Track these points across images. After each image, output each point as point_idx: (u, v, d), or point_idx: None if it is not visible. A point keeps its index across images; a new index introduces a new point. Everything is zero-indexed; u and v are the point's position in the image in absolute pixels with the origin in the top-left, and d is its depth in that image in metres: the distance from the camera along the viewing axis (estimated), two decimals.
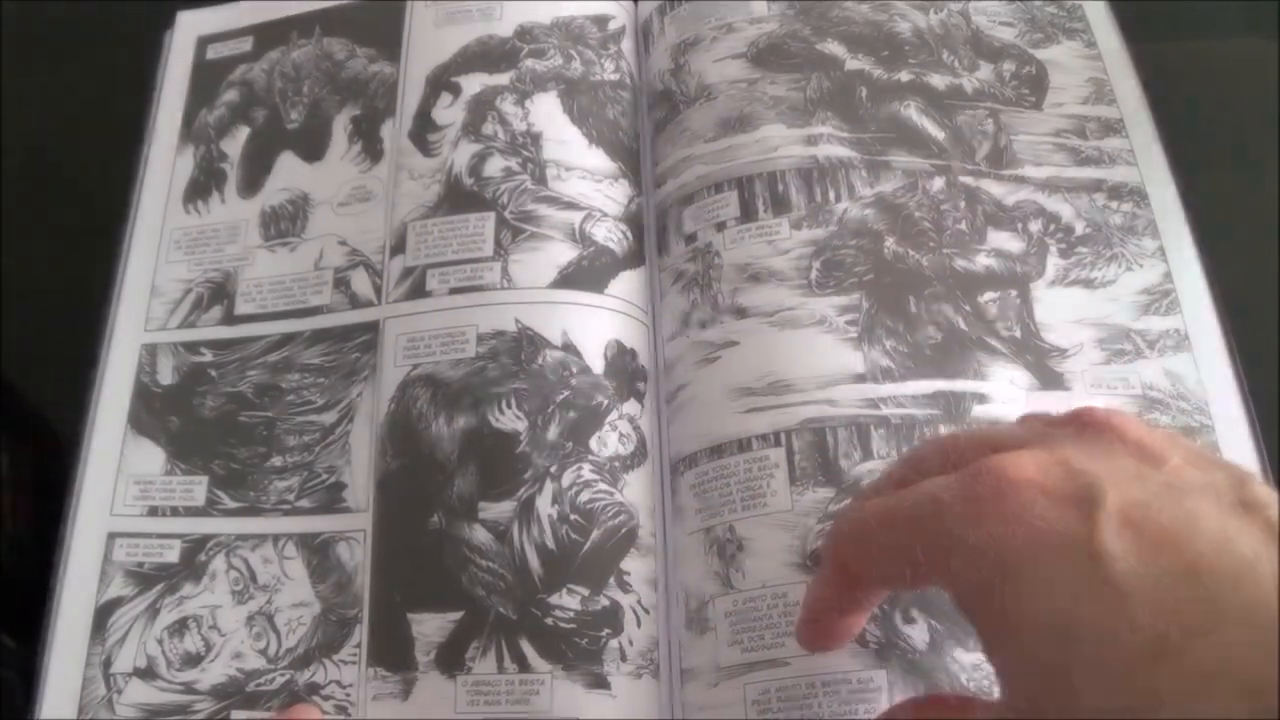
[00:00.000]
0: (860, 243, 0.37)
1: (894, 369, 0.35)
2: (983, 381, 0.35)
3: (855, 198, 0.38)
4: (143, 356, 0.40)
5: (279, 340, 0.39)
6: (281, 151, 0.43)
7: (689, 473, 0.35)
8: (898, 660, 0.31)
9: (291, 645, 0.34)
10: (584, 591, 0.33)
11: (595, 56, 0.43)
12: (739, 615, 0.33)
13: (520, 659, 0.33)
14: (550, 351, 0.37)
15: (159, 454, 0.38)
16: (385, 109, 0.43)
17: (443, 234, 0.39)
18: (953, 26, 0.42)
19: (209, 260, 0.41)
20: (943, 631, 0.31)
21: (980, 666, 0.31)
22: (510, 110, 0.41)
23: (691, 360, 0.37)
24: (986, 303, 0.36)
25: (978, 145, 0.39)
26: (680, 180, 0.40)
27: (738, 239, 0.38)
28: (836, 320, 0.36)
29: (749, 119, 0.40)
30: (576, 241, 0.39)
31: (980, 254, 0.37)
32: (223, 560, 0.36)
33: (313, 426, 0.38)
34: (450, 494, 0.35)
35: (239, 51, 0.46)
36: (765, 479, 0.34)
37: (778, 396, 0.35)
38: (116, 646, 0.35)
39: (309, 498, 0.37)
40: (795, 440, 0.34)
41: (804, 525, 0.33)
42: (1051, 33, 0.42)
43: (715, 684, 0.32)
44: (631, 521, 0.35)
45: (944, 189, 0.38)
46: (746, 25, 0.42)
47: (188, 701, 0.34)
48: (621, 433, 0.36)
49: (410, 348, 0.38)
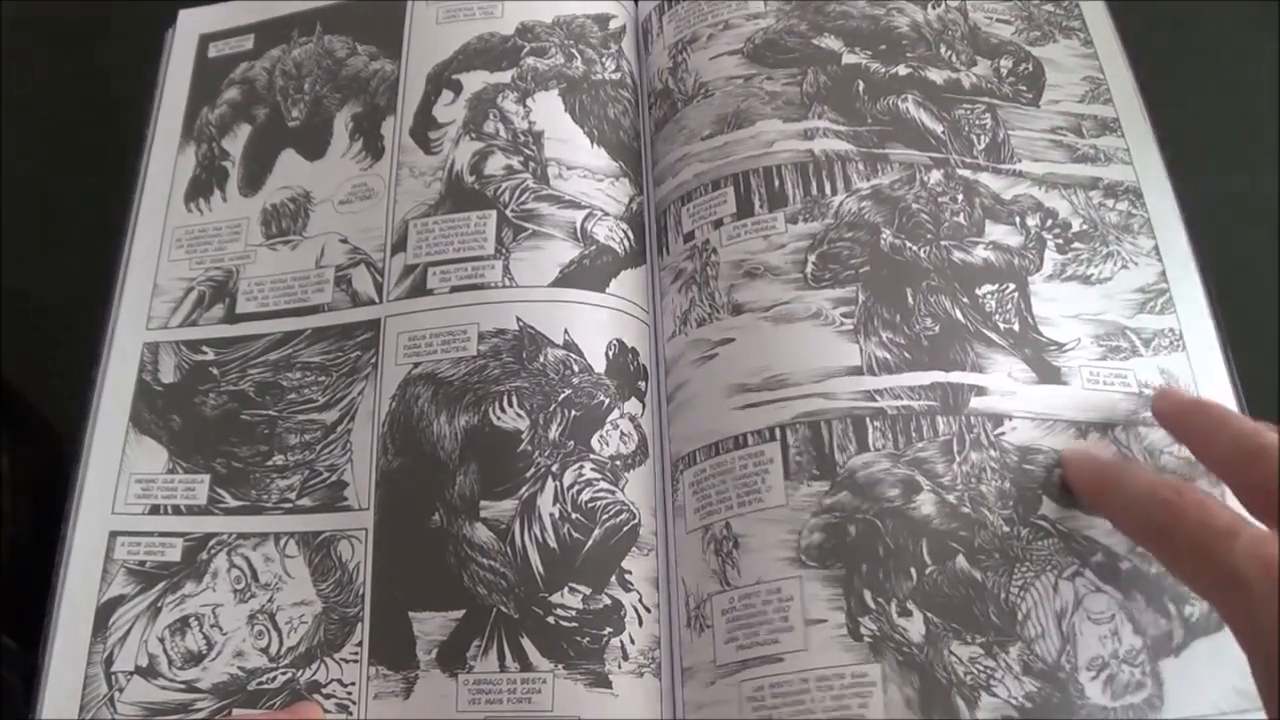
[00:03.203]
0: (857, 235, 0.37)
1: (891, 361, 0.35)
2: (981, 374, 0.35)
3: (852, 191, 0.38)
4: (144, 355, 0.40)
5: (280, 338, 0.39)
6: (283, 149, 0.43)
7: (688, 471, 0.36)
8: (892, 654, 0.31)
9: (293, 644, 0.35)
10: (585, 590, 0.33)
11: (596, 55, 0.43)
12: (735, 613, 0.33)
13: (522, 658, 0.33)
14: (552, 350, 0.37)
15: (161, 452, 0.38)
16: (386, 107, 0.43)
17: (444, 232, 0.39)
18: (950, 22, 0.42)
19: (210, 258, 0.41)
20: (940, 625, 0.31)
21: (978, 660, 0.31)
22: (512, 108, 0.41)
23: (690, 358, 0.37)
24: (984, 296, 0.36)
25: (976, 139, 0.39)
26: (679, 179, 0.40)
27: (734, 235, 0.38)
28: (832, 313, 0.36)
29: (745, 115, 0.40)
30: (578, 240, 0.39)
31: (978, 246, 0.37)
32: (224, 559, 0.36)
33: (314, 425, 0.38)
34: (452, 492, 0.35)
35: (240, 50, 0.46)
36: (761, 475, 0.34)
37: (773, 392, 0.35)
38: (118, 645, 0.35)
39: (310, 496, 0.37)
40: (790, 435, 0.34)
41: (799, 520, 0.33)
42: (1049, 31, 0.42)
43: (712, 682, 0.33)
44: (633, 520, 0.35)
45: (942, 181, 0.38)
46: (743, 22, 0.42)
47: (189, 700, 0.34)
48: (623, 432, 0.36)
49: (411, 346, 0.38)
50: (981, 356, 0.35)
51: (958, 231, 0.37)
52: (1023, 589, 0.31)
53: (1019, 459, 0.33)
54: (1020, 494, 0.33)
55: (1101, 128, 0.40)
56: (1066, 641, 0.31)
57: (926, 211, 0.37)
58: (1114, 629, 0.31)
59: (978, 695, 0.30)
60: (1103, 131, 0.40)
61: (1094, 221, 0.38)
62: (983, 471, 0.33)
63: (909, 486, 0.33)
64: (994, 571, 0.32)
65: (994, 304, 0.36)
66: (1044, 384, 0.35)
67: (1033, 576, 0.32)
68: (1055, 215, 0.38)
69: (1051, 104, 0.40)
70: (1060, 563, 0.32)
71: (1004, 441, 0.34)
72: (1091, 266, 0.37)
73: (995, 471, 0.33)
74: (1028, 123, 0.40)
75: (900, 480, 0.33)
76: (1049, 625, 0.31)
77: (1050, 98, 0.40)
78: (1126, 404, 0.35)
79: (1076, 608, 0.31)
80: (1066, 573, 0.32)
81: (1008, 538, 0.32)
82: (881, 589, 0.32)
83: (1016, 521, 0.32)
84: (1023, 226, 0.38)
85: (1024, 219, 0.38)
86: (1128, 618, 0.31)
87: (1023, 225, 0.38)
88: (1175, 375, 0.35)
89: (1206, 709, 0.31)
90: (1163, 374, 0.35)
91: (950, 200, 0.38)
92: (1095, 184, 0.39)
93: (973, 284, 0.36)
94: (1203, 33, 0.46)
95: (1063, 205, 0.38)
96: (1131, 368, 0.35)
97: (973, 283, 0.36)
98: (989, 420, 0.34)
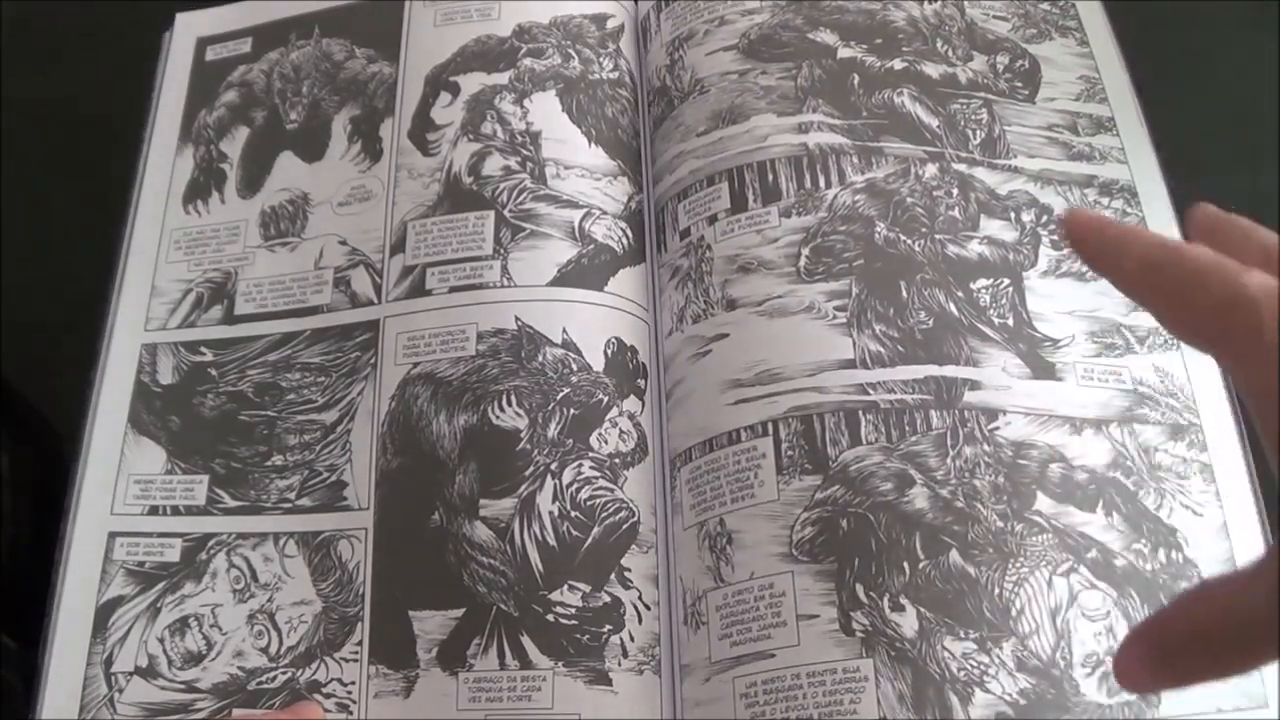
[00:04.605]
0: (850, 229, 0.37)
1: (884, 354, 0.35)
2: (975, 368, 0.35)
3: (846, 184, 0.38)
4: (143, 356, 0.40)
5: (279, 339, 0.39)
6: (281, 152, 0.43)
7: (685, 468, 0.36)
8: (884, 649, 0.31)
9: (293, 643, 0.35)
10: (585, 588, 0.33)
11: (594, 55, 0.43)
12: (729, 609, 0.33)
13: (522, 656, 0.33)
14: (550, 349, 0.37)
15: (159, 453, 0.38)
16: (384, 109, 0.43)
17: (442, 233, 0.39)
18: (947, 17, 0.42)
19: (209, 260, 0.42)
20: (933, 620, 0.31)
21: (971, 656, 0.31)
22: (509, 109, 0.41)
23: (686, 355, 0.37)
24: (979, 290, 0.36)
25: (971, 134, 0.39)
26: (675, 176, 0.40)
27: (728, 231, 0.38)
28: (825, 306, 0.36)
29: (739, 110, 0.40)
30: (576, 239, 0.39)
31: (973, 241, 0.37)
32: (224, 559, 0.36)
33: (313, 425, 0.38)
34: (451, 491, 0.35)
35: (238, 53, 0.46)
36: (753, 470, 0.34)
37: (765, 386, 0.35)
38: (117, 645, 0.35)
39: (310, 496, 0.37)
40: (783, 429, 0.34)
41: (790, 515, 0.33)
42: (1045, 29, 0.42)
43: (708, 679, 0.33)
44: (632, 518, 0.35)
45: (937, 175, 0.38)
46: (739, 17, 0.42)
47: (189, 700, 0.34)
48: (622, 430, 0.36)
49: (410, 346, 0.38)
50: (976, 351, 0.35)
51: (952, 226, 0.37)
52: (1016, 585, 0.31)
53: (1013, 454, 0.33)
54: (1014, 489, 0.33)
55: (1097, 126, 0.40)
56: (1061, 638, 0.31)
57: (921, 205, 0.37)
58: (1109, 625, 0.31)
59: (971, 691, 0.30)
60: (1098, 130, 0.40)
61: None
62: (976, 466, 0.33)
63: (902, 480, 0.33)
64: (987, 567, 0.32)
65: (988, 299, 0.36)
66: (1038, 379, 0.35)
67: (1027, 572, 0.32)
68: (1050, 211, 0.38)
69: (1047, 101, 0.40)
70: (1054, 559, 0.32)
71: (998, 436, 0.34)
72: None
73: (989, 466, 0.33)
74: (1023, 119, 0.40)
75: (893, 474, 0.33)
76: (1043, 621, 0.31)
77: (1046, 95, 0.41)
78: (1121, 401, 0.35)
79: (1071, 604, 0.31)
80: (1061, 569, 0.32)
81: (1001, 533, 0.32)
82: (874, 584, 0.31)
83: (1010, 517, 0.32)
84: (1018, 222, 0.38)
85: (1019, 214, 0.38)
86: (1123, 614, 0.31)
87: (1018, 221, 0.38)
88: (1170, 373, 0.35)
89: (1206, 708, 0.30)
90: (1157, 372, 0.35)
91: (945, 194, 0.38)
92: (1090, 181, 0.39)
93: (967, 278, 0.36)
94: (1203, 33, 0.46)
95: (1058, 202, 0.38)
96: (1126, 364, 0.35)
97: (967, 277, 0.36)
98: (983, 415, 0.34)
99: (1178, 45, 0.45)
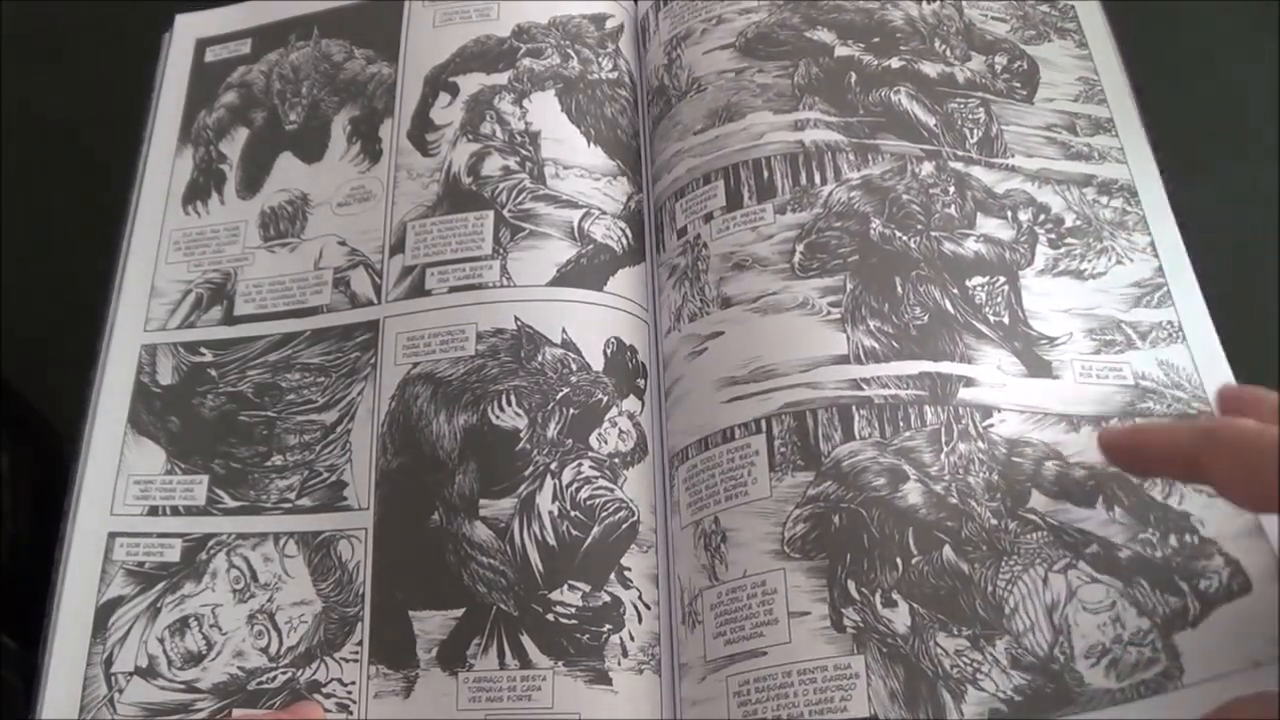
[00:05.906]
0: (846, 225, 0.37)
1: (878, 350, 0.35)
2: (970, 365, 0.35)
3: (842, 181, 0.38)
4: (142, 357, 0.40)
5: (279, 340, 0.39)
6: (280, 152, 0.43)
7: (682, 467, 0.36)
8: (876, 646, 0.31)
9: (293, 643, 0.35)
10: (585, 587, 0.33)
11: (593, 55, 0.43)
12: (723, 607, 0.33)
13: (522, 655, 0.33)
14: (550, 349, 0.37)
15: (159, 453, 0.38)
16: (384, 109, 0.43)
17: (442, 233, 0.39)
18: (945, 17, 0.42)
19: (208, 261, 0.42)
20: (925, 616, 0.31)
21: (964, 653, 0.30)
22: (508, 109, 0.41)
23: (683, 354, 0.37)
24: (975, 288, 0.36)
25: (969, 133, 0.39)
26: (673, 175, 0.40)
27: (723, 229, 0.38)
28: (819, 302, 0.36)
29: (736, 108, 0.40)
30: (575, 239, 0.39)
31: (969, 239, 0.37)
32: (223, 559, 0.36)
33: (313, 425, 0.38)
34: (451, 491, 0.35)
35: (237, 54, 0.46)
36: (746, 467, 0.34)
37: (760, 383, 0.35)
38: (117, 646, 0.35)
39: (310, 496, 0.37)
40: (776, 425, 0.34)
41: (783, 511, 0.33)
42: (1044, 31, 0.42)
43: (703, 678, 0.33)
44: (632, 518, 0.35)
45: (933, 173, 0.38)
46: (736, 16, 0.42)
47: (189, 700, 0.34)
48: (621, 429, 0.36)
49: (410, 346, 0.38)
50: (971, 348, 0.35)
51: (949, 223, 0.37)
52: (1010, 582, 0.31)
53: (1007, 452, 0.33)
54: (1009, 487, 0.33)
55: (1095, 127, 0.40)
56: (1059, 634, 0.30)
57: (917, 202, 0.37)
58: (1114, 616, 0.30)
59: (964, 689, 0.30)
60: (1096, 131, 0.40)
61: (1088, 217, 0.38)
62: (970, 463, 0.33)
63: (895, 476, 0.33)
64: (981, 564, 0.31)
65: (984, 296, 0.36)
66: (1034, 377, 0.35)
67: (1020, 570, 0.31)
68: (1048, 210, 0.38)
69: (1046, 101, 0.40)
70: (1050, 556, 0.31)
71: (992, 434, 0.33)
72: (1084, 261, 0.37)
73: (983, 463, 0.33)
74: (1021, 119, 0.40)
75: (886, 469, 0.33)
76: (1039, 619, 0.31)
77: (1044, 95, 0.41)
78: (1121, 396, 0.35)
79: (1070, 600, 0.31)
80: (1057, 566, 0.31)
81: (995, 530, 0.32)
82: (866, 579, 0.31)
83: (1004, 514, 0.32)
84: (1014, 220, 0.38)
85: (1016, 213, 0.38)
86: (1130, 603, 0.31)
87: (1014, 219, 0.38)
88: (1176, 365, 0.35)
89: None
90: (1161, 365, 0.35)
91: (941, 192, 0.38)
92: (1089, 181, 0.39)
93: (963, 276, 0.36)
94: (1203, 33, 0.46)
95: (1056, 200, 0.38)
96: (1128, 360, 0.35)
97: (963, 274, 0.36)
98: (977, 411, 0.34)
99: (1177, 46, 0.45)
